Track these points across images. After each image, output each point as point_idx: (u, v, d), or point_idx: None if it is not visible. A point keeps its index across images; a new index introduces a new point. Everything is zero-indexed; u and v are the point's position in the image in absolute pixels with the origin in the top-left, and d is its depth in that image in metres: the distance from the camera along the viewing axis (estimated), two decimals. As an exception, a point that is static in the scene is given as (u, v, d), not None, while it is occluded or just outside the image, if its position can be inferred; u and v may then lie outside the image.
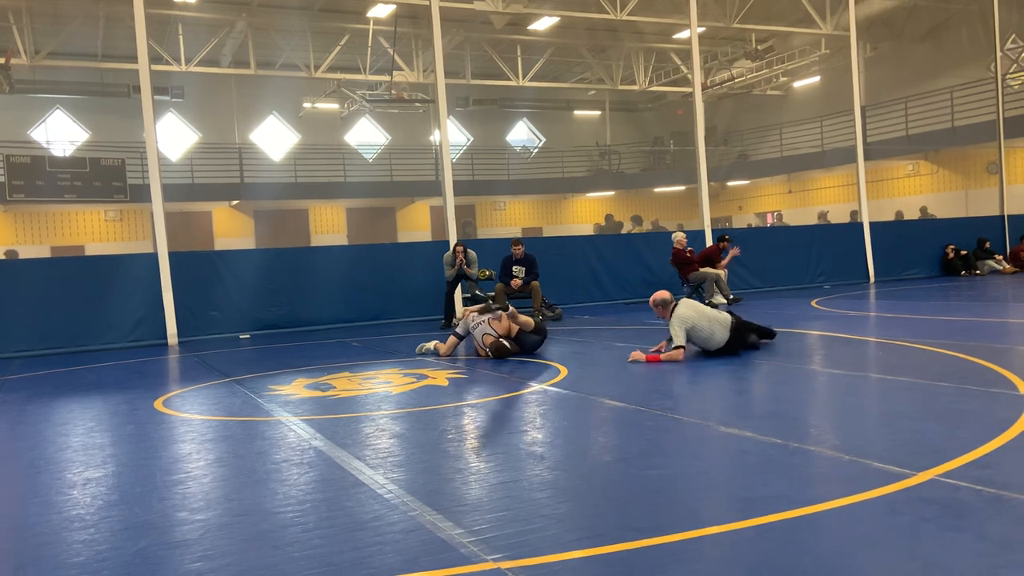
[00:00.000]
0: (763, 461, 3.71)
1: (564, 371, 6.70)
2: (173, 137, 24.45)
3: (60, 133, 23.53)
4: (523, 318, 7.93)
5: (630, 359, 6.96)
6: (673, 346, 6.86)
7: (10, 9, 18.37)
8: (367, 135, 27.36)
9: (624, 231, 21.32)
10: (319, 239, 25.65)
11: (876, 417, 4.75)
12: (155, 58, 18.41)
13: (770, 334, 7.67)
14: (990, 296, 12.37)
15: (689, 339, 6.97)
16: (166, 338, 10.93)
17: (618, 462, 3.92)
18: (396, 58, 20.99)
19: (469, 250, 11.59)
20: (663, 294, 7.22)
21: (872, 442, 4.03)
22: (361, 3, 17.69)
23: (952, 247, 17.02)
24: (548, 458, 3.99)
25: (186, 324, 11.15)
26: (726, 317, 7.12)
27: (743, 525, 2.89)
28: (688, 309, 7.02)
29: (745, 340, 7.20)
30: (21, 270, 11.15)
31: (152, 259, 11.18)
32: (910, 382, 5.44)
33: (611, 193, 29.33)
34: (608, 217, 22.22)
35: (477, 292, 11.48)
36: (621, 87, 25.93)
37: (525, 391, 5.99)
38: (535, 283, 11.50)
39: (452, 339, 8.17)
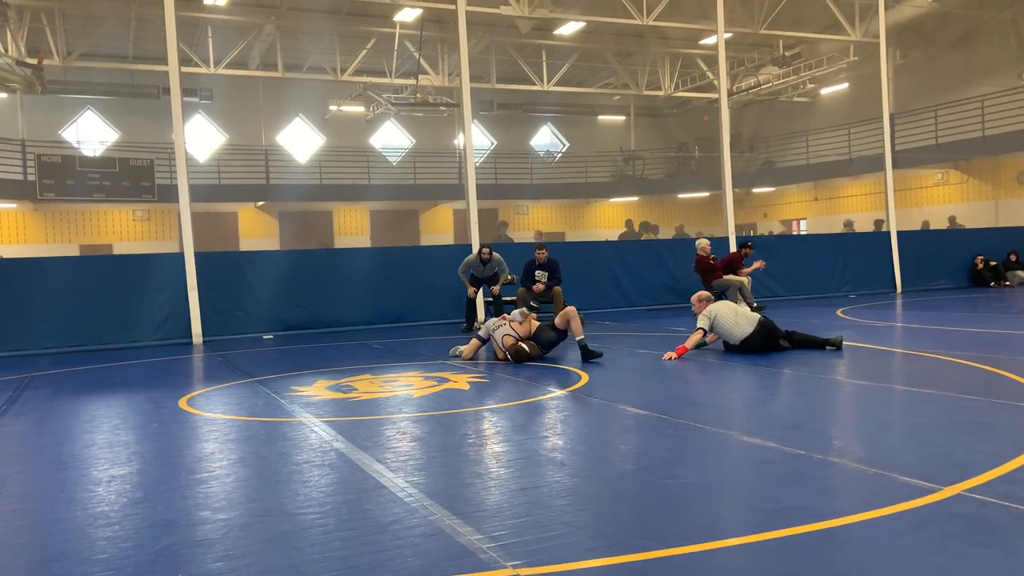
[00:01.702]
0: (786, 472, 3.68)
1: (585, 377, 6.68)
2: (201, 138, 24.75)
3: (90, 133, 23.91)
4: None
5: (664, 358, 7.50)
6: (698, 326, 7.71)
7: (43, 11, 18.70)
8: (392, 138, 27.51)
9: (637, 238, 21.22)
10: (343, 241, 25.82)
11: (902, 430, 4.68)
12: (184, 60, 18.62)
13: (820, 344, 7.72)
14: (1019, 308, 12.17)
15: (713, 330, 7.78)
16: (191, 337, 11.04)
17: (639, 470, 3.90)
18: (422, 62, 21.09)
19: (495, 253, 11.58)
20: (706, 294, 8.28)
21: (898, 455, 3.97)
22: (388, 7, 17.80)
23: (981, 258, 16.77)
24: (568, 465, 3.98)
25: (211, 324, 11.26)
26: (755, 316, 7.82)
27: (765, 537, 2.86)
28: (719, 304, 7.90)
29: (773, 342, 7.68)
30: (49, 268, 11.32)
31: (178, 259, 11.31)
32: (937, 394, 5.37)
33: (635, 199, 29.24)
34: (628, 223, 22.11)
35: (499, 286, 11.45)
36: (646, 92, 25.85)
37: (546, 396, 5.98)
38: (557, 288, 11.49)
39: (474, 342, 8.17)
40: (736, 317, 7.74)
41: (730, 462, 4.03)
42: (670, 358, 7.50)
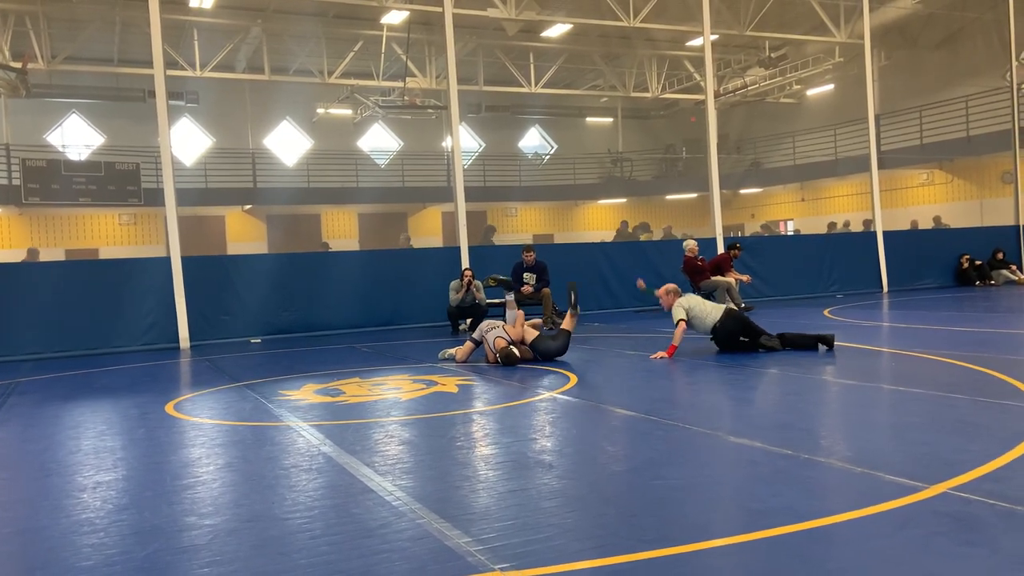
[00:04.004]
0: (773, 472, 3.69)
1: (574, 379, 6.68)
2: (187, 142, 24.61)
3: (76, 137, 23.73)
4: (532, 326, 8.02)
5: (652, 357, 7.63)
6: (675, 321, 7.84)
7: (28, 14, 18.57)
8: (380, 141, 27.46)
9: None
10: (331, 244, 25.71)
11: (888, 429, 4.71)
12: (170, 63, 18.55)
13: (811, 343, 7.79)
14: (1004, 307, 12.27)
15: (689, 321, 7.91)
16: (178, 342, 10.98)
17: (627, 472, 3.90)
18: (409, 64, 21.06)
19: (476, 280, 11.49)
20: (673, 286, 8.35)
21: (884, 454, 3.99)
22: (375, 10, 17.74)
23: (967, 257, 16.90)
24: (556, 467, 3.98)
25: (198, 328, 11.20)
26: (722, 306, 8.15)
27: (753, 537, 2.87)
28: (688, 296, 8.21)
29: (750, 336, 7.79)
30: (35, 273, 11.23)
31: (165, 263, 11.25)
32: (922, 394, 5.40)
33: (623, 200, 29.29)
34: (624, 224, 22.10)
35: (496, 282, 11.39)
36: (633, 94, 25.89)
37: (534, 399, 5.98)
38: (546, 290, 11.50)
39: (468, 344, 8.15)
40: (704, 306, 8.00)
41: (718, 463, 4.04)
42: (660, 357, 7.58)
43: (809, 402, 5.60)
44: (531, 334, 7.96)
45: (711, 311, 7.89)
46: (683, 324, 7.80)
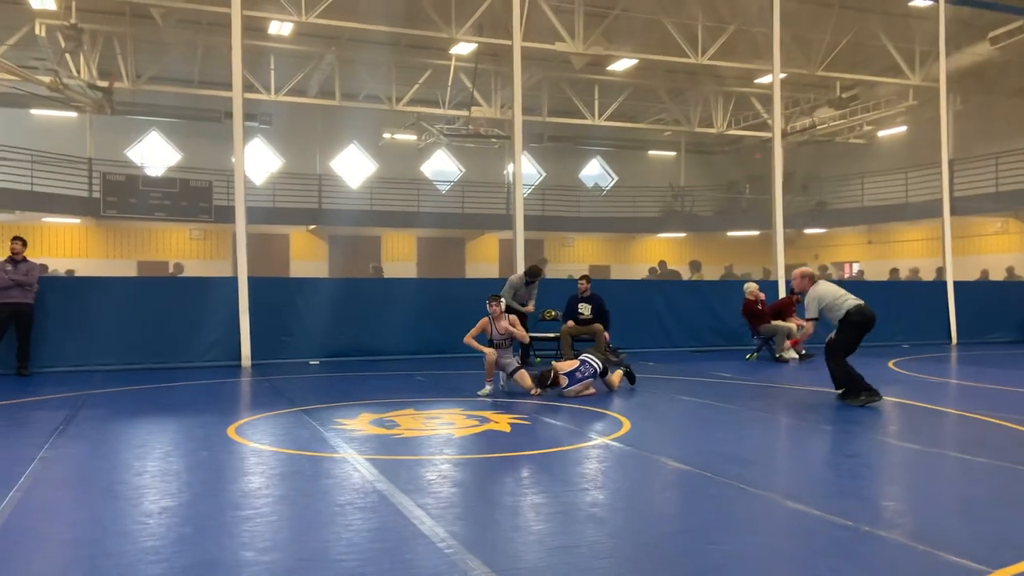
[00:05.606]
0: (830, 544, 3.61)
1: (627, 424, 6.64)
2: (258, 161, 25.40)
3: (154, 154, 24.72)
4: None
5: (786, 347, 8.52)
6: (807, 318, 7.99)
7: (116, 36, 19.50)
8: (442, 167, 27.89)
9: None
10: (390, 266, 26.11)
11: (953, 502, 4.56)
12: (247, 86, 19.20)
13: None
14: (1081, 367, 11.74)
15: (823, 310, 7.86)
16: (240, 360, 11.26)
17: (679, 533, 3.87)
18: (475, 94, 21.41)
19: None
20: (809, 270, 8.31)
21: (947, 531, 3.87)
22: (445, 41, 18.13)
23: (1042, 311, 16.25)
24: (608, 522, 3.97)
25: (259, 347, 11.47)
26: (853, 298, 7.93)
27: (807, 617, 2.82)
28: (824, 288, 8.01)
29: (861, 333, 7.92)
30: (114, 287, 11.71)
31: (232, 283, 11.59)
32: (989, 464, 5.22)
33: (682, 235, 29.07)
34: (662, 263, 21.73)
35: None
36: (698, 129, 25.79)
37: (587, 444, 5.96)
38: (600, 326, 11.32)
39: (523, 371, 8.53)
40: (838, 292, 7.95)
41: (773, 529, 3.97)
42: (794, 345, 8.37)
43: (870, 466, 5.46)
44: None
45: (847, 298, 7.85)
46: (813, 325, 7.92)
